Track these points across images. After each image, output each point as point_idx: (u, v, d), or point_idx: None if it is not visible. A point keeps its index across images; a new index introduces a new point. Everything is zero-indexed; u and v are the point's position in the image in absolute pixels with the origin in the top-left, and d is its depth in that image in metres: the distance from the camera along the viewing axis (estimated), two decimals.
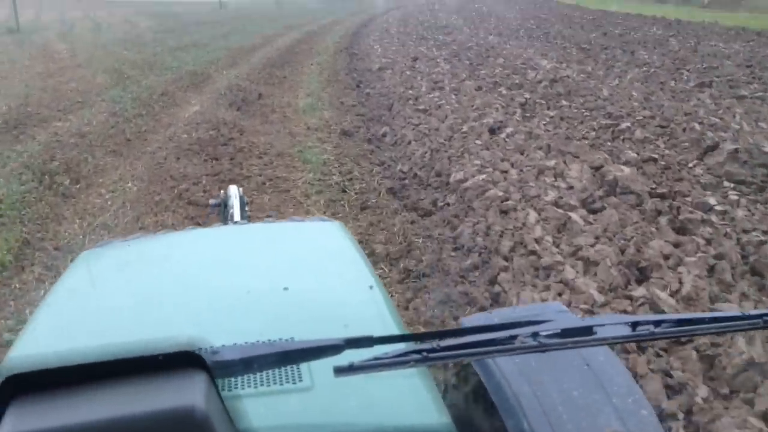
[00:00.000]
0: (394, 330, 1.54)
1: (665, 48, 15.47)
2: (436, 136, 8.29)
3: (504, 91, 10.94)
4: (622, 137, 7.52)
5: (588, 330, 1.02)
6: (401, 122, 9.64)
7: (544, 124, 8.42)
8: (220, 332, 1.26)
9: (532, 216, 5.20)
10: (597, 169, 6.29)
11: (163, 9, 61.54)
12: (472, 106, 9.76)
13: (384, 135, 9.20)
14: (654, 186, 5.84)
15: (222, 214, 3.72)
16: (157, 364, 0.82)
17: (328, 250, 2.18)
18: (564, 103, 9.62)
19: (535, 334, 1.00)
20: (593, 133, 7.78)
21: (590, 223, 5.10)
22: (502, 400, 1.28)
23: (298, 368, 1.33)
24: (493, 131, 8.18)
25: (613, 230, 4.96)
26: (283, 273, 1.91)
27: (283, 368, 1.32)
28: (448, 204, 6.04)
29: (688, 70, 11.91)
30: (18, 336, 1.65)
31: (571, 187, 5.93)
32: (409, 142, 8.40)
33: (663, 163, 6.49)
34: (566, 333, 1.01)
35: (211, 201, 4.05)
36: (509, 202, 5.54)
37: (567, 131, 7.98)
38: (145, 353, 0.81)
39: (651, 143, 7.19)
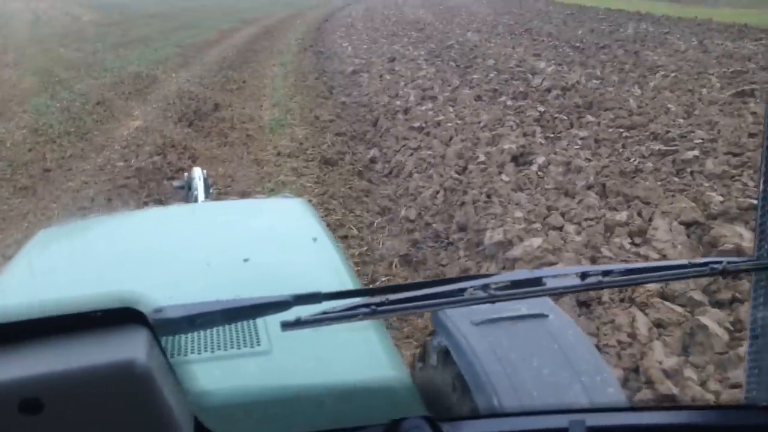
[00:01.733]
0: (348, 288, 1.43)
1: (669, 48, 13.94)
2: (443, 167, 6.50)
3: (509, 102, 9.20)
4: (690, 170, 5.83)
5: (537, 281, 1.02)
6: (393, 143, 7.83)
7: (579, 149, 6.70)
8: (176, 297, 1.00)
9: (641, 321, 3.43)
10: (690, 226, 4.58)
11: (110, 0, 58.57)
12: (479, 122, 8.00)
13: (374, 161, 7.37)
14: None
15: (186, 196, 3.63)
16: (96, 320, 0.78)
17: (290, 224, 2.18)
18: (590, 118, 7.91)
19: (485, 286, 1.00)
20: (649, 164, 6.08)
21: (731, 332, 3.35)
22: (473, 377, 1.27)
23: (256, 332, 1.34)
24: (518, 160, 6.43)
25: None
26: (245, 247, 1.86)
27: (240, 332, 1.34)
28: None
29: (713, 75, 10.34)
30: None
31: (664, 258, 4.19)
32: (410, 174, 6.60)
33: None
34: (516, 284, 1.01)
35: (175, 183, 4.02)
36: (591, 293, 3.77)
37: (613, 160, 6.27)
38: (82, 309, 0.78)
39: (736, 180, 5.52)
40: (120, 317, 0.80)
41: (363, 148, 7.94)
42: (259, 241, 1.97)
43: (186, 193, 3.70)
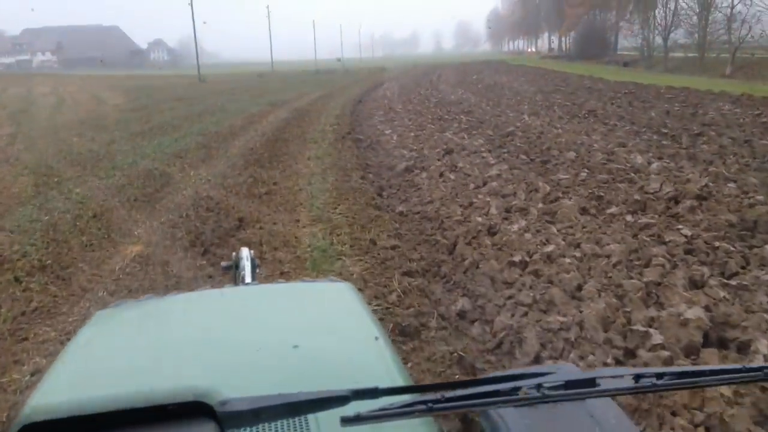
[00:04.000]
0: (400, 383, 1.51)
1: None
2: (589, 345, 4.12)
3: (629, 218, 6.87)
4: None
5: (591, 382, 1.02)
6: (489, 289, 5.48)
7: None
8: (230, 387, 1.05)
9: None
10: None
11: (141, 83, 58.27)
12: (607, 256, 5.65)
13: (468, 320, 5.01)
14: None
15: (233, 276, 3.65)
16: (167, 414, 0.81)
17: (337, 310, 2.18)
18: None
19: (539, 386, 0.99)
20: None
21: None
22: None
23: (306, 423, 1.33)
24: (715, 342, 4.02)
25: None
26: (293, 332, 1.88)
27: (291, 423, 1.33)
28: None
29: None
30: (34, 388, 1.58)
31: None
32: (537, 357, 4.22)
33: None
34: (570, 385, 1.01)
35: (223, 264, 4.11)
36: None
37: None
38: (155, 403, 0.80)
39: None
40: (190, 410, 0.83)
41: (444, 293, 5.60)
42: (307, 327, 1.95)
43: (233, 273, 3.67)
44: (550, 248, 5.94)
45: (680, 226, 6.34)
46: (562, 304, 4.79)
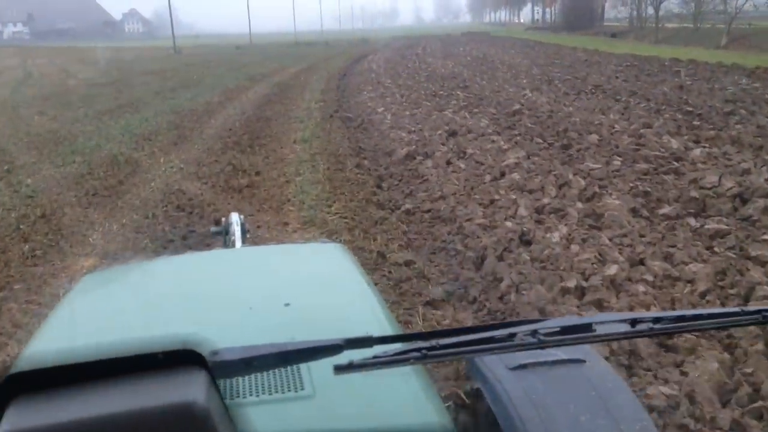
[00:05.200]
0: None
1: None
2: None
3: (693, 223, 5.64)
4: None
5: (587, 327, 0.99)
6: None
7: None
8: (222, 340, 0.99)
9: None
10: None
11: (113, 55, 55.78)
12: (690, 284, 4.43)
13: None
14: None
15: (223, 242, 3.62)
16: (156, 362, 0.80)
17: (329, 269, 2.16)
18: None
19: (534, 332, 0.98)
20: None
21: None
22: (508, 423, 1.23)
23: (299, 376, 1.33)
24: None
25: None
26: (285, 290, 1.86)
27: (285, 377, 1.33)
28: None
29: None
30: (23, 350, 1.59)
31: None
32: None
33: None
34: (566, 330, 0.99)
35: (213, 229, 4.08)
36: None
37: None
38: (143, 351, 0.79)
39: None
40: (180, 359, 0.80)
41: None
42: (299, 286, 1.94)
43: (224, 239, 3.61)
44: (611, 270, 4.68)
45: (766, 236, 5.12)
46: (654, 364, 3.55)
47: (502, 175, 7.76)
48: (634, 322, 1.01)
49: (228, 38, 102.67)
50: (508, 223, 5.94)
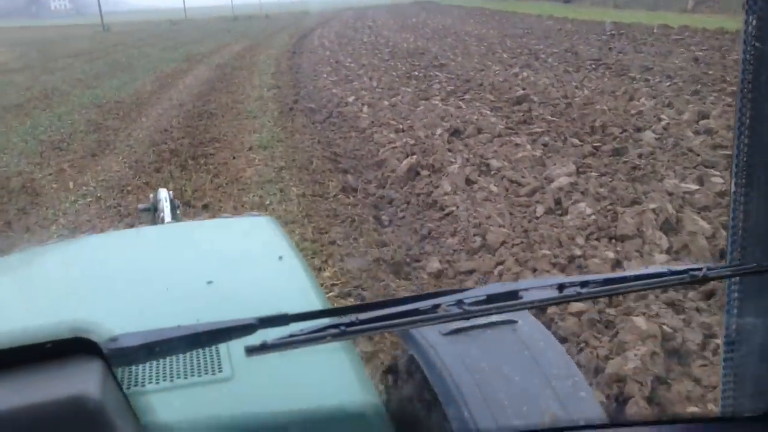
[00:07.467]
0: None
1: None
2: None
3: None
4: None
5: (513, 294, 0.97)
6: None
7: None
8: (129, 325, 0.90)
9: None
10: None
11: (35, 35, 51.23)
12: None
13: None
14: None
15: (152, 219, 3.41)
16: (45, 352, 0.74)
17: (257, 243, 2.07)
18: None
19: (459, 302, 0.94)
20: None
21: None
22: (443, 389, 1.23)
23: (218, 358, 1.25)
24: None
25: None
26: (210, 267, 1.76)
27: (202, 359, 1.25)
28: None
29: None
30: None
31: None
32: None
33: None
34: (492, 299, 0.95)
35: (140, 206, 3.83)
36: None
37: None
38: (33, 341, 0.73)
39: None
40: (71, 348, 0.75)
41: None
42: (223, 262, 1.83)
43: (152, 215, 3.43)
44: None
45: None
46: None
47: (558, 204, 5.46)
48: (561, 287, 0.96)
49: (161, 13, 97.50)
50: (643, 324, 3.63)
